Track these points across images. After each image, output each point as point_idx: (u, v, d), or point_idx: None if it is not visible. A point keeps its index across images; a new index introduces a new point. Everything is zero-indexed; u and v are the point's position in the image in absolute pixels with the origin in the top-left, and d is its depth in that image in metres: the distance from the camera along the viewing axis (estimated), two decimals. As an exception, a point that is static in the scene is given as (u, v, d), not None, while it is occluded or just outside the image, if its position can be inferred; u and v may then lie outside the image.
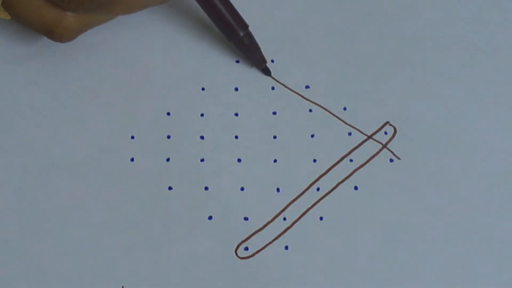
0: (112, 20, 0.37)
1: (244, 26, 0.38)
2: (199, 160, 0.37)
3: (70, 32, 0.35)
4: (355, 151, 0.38)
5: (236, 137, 0.38)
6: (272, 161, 0.37)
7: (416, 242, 0.36)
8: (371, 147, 0.38)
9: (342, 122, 0.38)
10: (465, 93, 0.39)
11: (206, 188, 0.37)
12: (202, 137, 0.37)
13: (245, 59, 0.39)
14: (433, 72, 0.39)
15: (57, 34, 0.35)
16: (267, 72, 0.39)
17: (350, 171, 0.37)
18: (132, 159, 0.37)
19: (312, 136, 0.38)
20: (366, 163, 0.37)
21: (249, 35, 0.38)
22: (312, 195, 0.37)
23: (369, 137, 0.38)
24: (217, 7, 0.37)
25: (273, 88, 0.39)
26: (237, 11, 0.37)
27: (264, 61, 0.38)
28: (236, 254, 0.36)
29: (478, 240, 0.36)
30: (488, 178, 0.37)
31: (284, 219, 0.36)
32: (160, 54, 0.39)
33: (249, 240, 0.36)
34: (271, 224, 0.36)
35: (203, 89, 0.38)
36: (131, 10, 0.35)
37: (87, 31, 0.36)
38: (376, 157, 0.38)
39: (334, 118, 0.38)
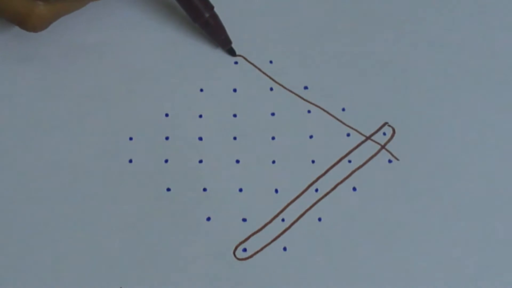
0: (111, 20, 0.37)
1: (210, 7, 0.38)
2: (198, 161, 0.37)
3: (42, 22, 0.35)
4: (354, 152, 0.38)
5: (235, 138, 0.38)
6: (271, 162, 0.37)
7: (415, 243, 0.36)
8: (369, 148, 0.38)
9: (340, 123, 0.38)
10: (464, 94, 0.39)
11: (204, 189, 0.37)
12: (200, 138, 0.37)
13: (211, 40, 0.39)
14: (432, 72, 0.39)
15: (29, 24, 0.35)
16: (232, 52, 0.39)
17: (349, 172, 0.37)
18: (130, 161, 0.37)
19: (311, 137, 0.38)
20: (364, 164, 0.37)
21: (215, 16, 0.38)
22: (310, 196, 0.37)
23: (368, 138, 0.38)
24: None
25: (271, 89, 0.39)
26: None
27: (229, 41, 0.38)
28: (235, 255, 0.36)
29: (477, 241, 0.36)
30: (487, 178, 0.37)
31: (283, 220, 0.36)
32: (158, 55, 0.39)
33: (247, 241, 0.36)
34: (269, 225, 0.36)
35: (201, 90, 0.38)
36: None
37: (87, 33, 0.36)
38: (374, 158, 0.38)
39: (333, 119, 0.38)
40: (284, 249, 0.36)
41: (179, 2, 0.38)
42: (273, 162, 0.37)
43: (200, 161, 0.37)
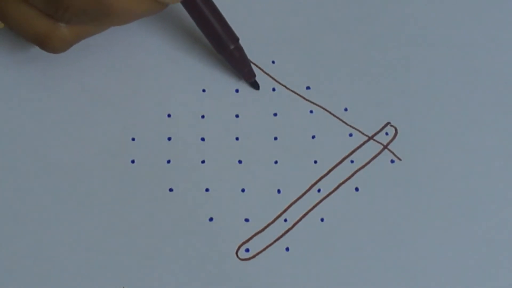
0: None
1: (235, 39, 0.37)
2: (200, 162, 0.37)
3: (63, 44, 0.35)
4: (356, 152, 0.38)
5: (237, 138, 0.38)
6: (273, 162, 0.37)
7: (417, 243, 0.36)
8: (372, 148, 0.38)
9: (343, 123, 0.38)
10: (466, 93, 0.39)
11: (207, 190, 0.37)
12: (202, 139, 0.37)
13: (234, 71, 0.38)
14: (434, 72, 0.39)
15: (50, 45, 0.35)
16: (255, 86, 0.38)
17: (351, 172, 0.37)
18: (133, 161, 0.37)
19: (313, 137, 0.38)
20: (367, 164, 0.37)
21: (239, 49, 0.37)
22: (313, 196, 0.37)
23: (370, 138, 0.38)
24: (208, 19, 0.37)
25: (273, 89, 0.39)
26: (228, 23, 0.37)
27: (253, 75, 0.38)
28: (237, 255, 0.36)
29: (479, 241, 0.36)
30: (489, 178, 0.37)
31: (285, 220, 0.36)
32: (160, 55, 0.39)
33: (250, 242, 0.36)
34: (272, 225, 0.36)
35: (203, 90, 0.38)
36: (124, 22, 0.35)
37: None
38: (377, 158, 0.38)
39: (335, 119, 0.38)
40: (287, 249, 0.36)
41: (204, 32, 0.37)
42: (276, 162, 0.37)
43: (203, 162, 0.37)
